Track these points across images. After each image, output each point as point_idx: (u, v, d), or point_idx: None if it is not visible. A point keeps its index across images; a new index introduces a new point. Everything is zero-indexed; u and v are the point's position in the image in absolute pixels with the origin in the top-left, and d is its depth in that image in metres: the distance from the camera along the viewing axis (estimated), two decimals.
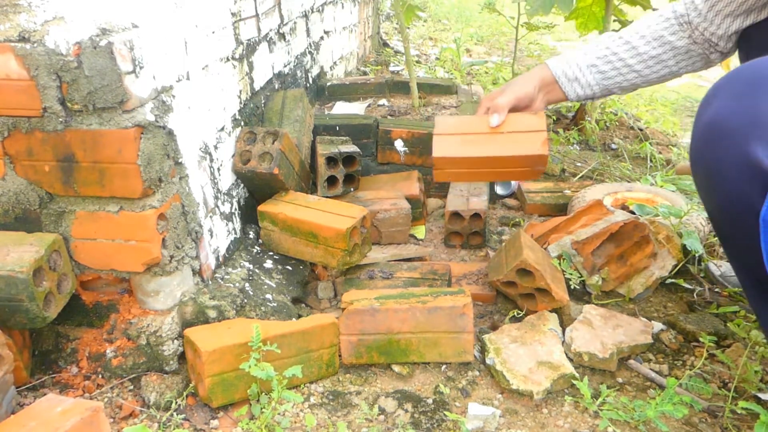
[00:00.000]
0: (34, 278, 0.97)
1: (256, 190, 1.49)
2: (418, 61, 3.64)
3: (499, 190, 1.97)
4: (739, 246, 0.88)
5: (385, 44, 3.95)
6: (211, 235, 1.25)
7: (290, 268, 1.43)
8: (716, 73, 1.67)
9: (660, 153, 2.41)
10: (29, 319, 0.99)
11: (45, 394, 0.99)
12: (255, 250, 1.44)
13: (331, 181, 1.65)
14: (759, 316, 0.92)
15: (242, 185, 1.47)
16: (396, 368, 1.19)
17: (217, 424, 1.06)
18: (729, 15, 1.17)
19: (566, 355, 1.19)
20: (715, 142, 0.84)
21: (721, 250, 1.57)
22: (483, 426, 1.04)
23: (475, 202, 1.68)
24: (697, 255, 1.45)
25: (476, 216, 1.64)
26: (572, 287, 1.36)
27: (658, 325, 1.30)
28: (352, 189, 1.70)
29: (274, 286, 1.35)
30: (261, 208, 1.43)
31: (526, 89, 1.26)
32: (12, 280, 0.95)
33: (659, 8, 1.29)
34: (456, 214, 1.65)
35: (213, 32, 1.28)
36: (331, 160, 1.63)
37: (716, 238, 1.56)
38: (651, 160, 2.30)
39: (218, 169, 1.31)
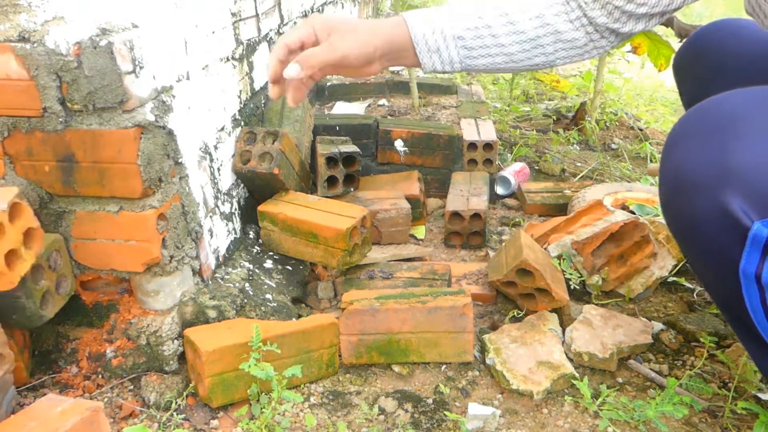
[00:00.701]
0: (33, 276, 0.97)
1: (256, 190, 1.49)
2: None
3: (499, 190, 1.97)
4: (721, 294, 0.85)
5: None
6: (211, 235, 1.25)
7: (290, 268, 1.44)
8: None
9: (660, 153, 2.40)
10: (26, 317, 0.98)
11: (45, 394, 0.99)
12: (255, 250, 1.44)
13: (332, 181, 1.65)
14: (753, 358, 0.89)
15: (242, 185, 1.47)
16: (396, 368, 1.19)
17: (217, 424, 1.06)
18: (612, 10, 0.96)
19: (566, 355, 1.19)
20: (685, 193, 0.79)
21: None
22: (483, 426, 1.04)
23: (475, 202, 1.68)
24: None
25: (476, 216, 1.64)
26: (572, 287, 1.36)
27: (658, 325, 1.30)
28: (352, 189, 1.70)
29: (274, 286, 1.35)
30: (261, 208, 1.43)
31: (365, 50, 0.93)
32: None
33: None
34: (456, 214, 1.65)
35: (213, 32, 1.28)
36: (331, 160, 1.63)
37: None
38: (651, 160, 2.30)
39: (218, 169, 1.31)
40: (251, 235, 1.47)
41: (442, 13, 0.99)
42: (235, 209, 1.41)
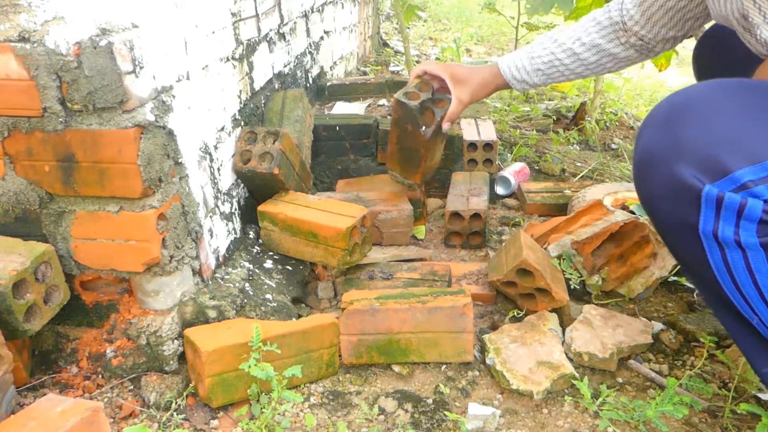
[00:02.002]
0: (16, 291, 0.95)
1: (256, 190, 1.49)
2: (418, 61, 3.64)
3: (499, 190, 1.97)
4: (691, 262, 0.91)
5: (385, 44, 3.95)
6: (211, 235, 1.25)
7: (290, 268, 1.43)
8: None
9: None
10: (9, 331, 0.96)
11: (45, 394, 0.99)
12: (255, 250, 1.44)
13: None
14: (732, 335, 0.94)
15: (242, 185, 1.47)
16: (396, 368, 1.19)
17: (217, 424, 1.06)
18: (663, 25, 1.29)
19: (566, 355, 1.19)
20: (647, 170, 0.89)
21: None
22: (483, 426, 1.04)
23: (475, 202, 1.68)
24: None
25: (476, 216, 1.64)
26: (572, 287, 1.36)
27: (658, 325, 1.30)
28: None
29: (274, 286, 1.35)
30: (261, 208, 1.43)
31: (484, 93, 1.50)
32: None
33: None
34: (456, 214, 1.64)
35: (213, 32, 1.28)
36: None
37: None
38: None
39: (218, 169, 1.31)
40: (251, 235, 1.47)
41: (523, 55, 1.44)
42: (235, 209, 1.41)
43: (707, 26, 1.40)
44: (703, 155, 0.80)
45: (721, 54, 1.33)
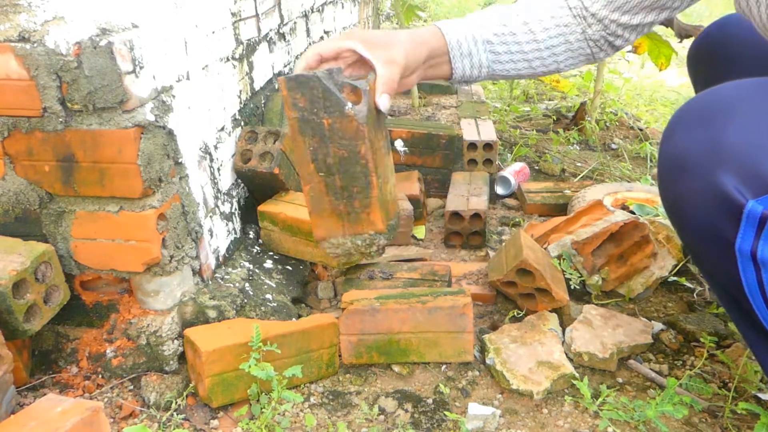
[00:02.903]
0: (16, 291, 0.95)
1: (256, 190, 1.49)
2: None
3: (499, 190, 1.97)
4: (718, 277, 0.86)
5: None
6: (211, 235, 1.25)
7: (290, 268, 1.43)
8: None
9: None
10: (9, 331, 0.96)
11: (45, 394, 0.99)
12: (255, 250, 1.44)
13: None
14: (749, 345, 0.90)
15: (242, 185, 1.47)
16: (396, 368, 1.19)
17: (217, 424, 1.06)
18: (634, 5, 1.04)
19: (566, 355, 1.19)
20: (679, 175, 0.82)
21: None
22: (483, 426, 1.04)
23: (475, 202, 1.68)
24: None
25: (476, 216, 1.64)
26: (572, 287, 1.36)
27: (658, 325, 1.30)
28: None
29: (274, 286, 1.35)
30: (261, 208, 1.43)
31: (415, 59, 1.00)
32: None
33: None
34: (456, 214, 1.64)
35: (213, 32, 1.28)
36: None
37: None
38: (651, 160, 2.30)
39: (218, 169, 1.31)
40: (251, 235, 1.47)
41: (472, 21, 1.06)
42: (235, 209, 1.41)
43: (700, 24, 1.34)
44: (748, 165, 0.73)
45: (718, 55, 1.31)
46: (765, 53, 1.17)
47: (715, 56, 1.31)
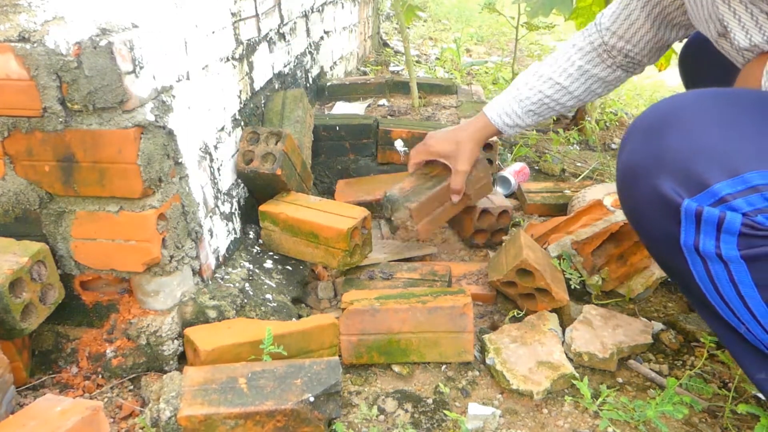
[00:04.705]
0: (12, 289, 0.95)
1: (257, 190, 1.49)
2: (418, 61, 3.64)
3: (499, 190, 1.97)
4: (679, 277, 0.91)
5: (385, 44, 3.95)
6: (211, 235, 1.25)
7: (290, 268, 1.44)
8: None
9: None
10: (6, 330, 0.96)
11: (45, 394, 0.99)
12: (255, 250, 1.44)
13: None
14: (724, 343, 0.94)
15: (242, 185, 1.47)
16: (396, 368, 1.19)
17: None
18: (646, 33, 1.27)
19: (566, 355, 1.19)
20: (630, 183, 0.89)
21: None
22: (483, 426, 1.04)
23: (499, 199, 1.67)
24: None
25: (504, 213, 1.63)
26: (572, 287, 1.36)
27: (658, 325, 1.30)
28: None
29: (274, 286, 1.35)
30: (262, 208, 1.43)
31: (478, 150, 1.46)
32: None
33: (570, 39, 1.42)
34: (485, 211, 1.62)
35: (213, 32, 1.28)
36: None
37: None
38: None
39: (218, 169, 1.31)
40: (251, 235, 1.47)
41: (510, 99, 1.40)
42: (235, 209, 1.41)
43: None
44: (683, 168, 0.81)
45: (706, 58, 1.32)
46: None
47: (703, 59, 1.34)
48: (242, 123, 1.47)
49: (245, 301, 1.23)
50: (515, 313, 1.32)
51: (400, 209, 1.42)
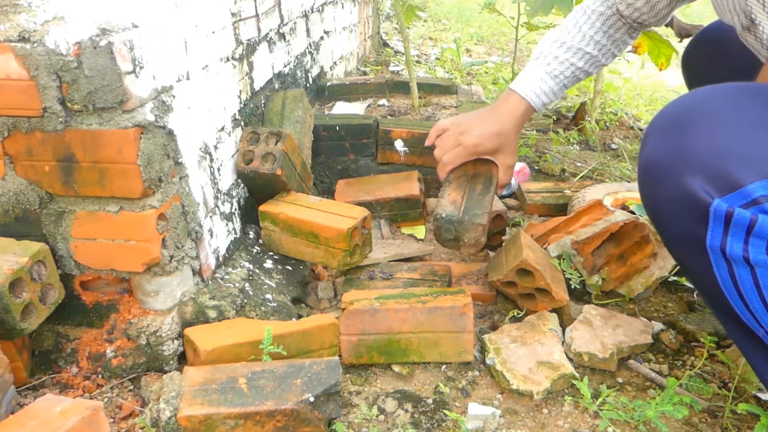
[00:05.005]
0: (12, 289, 0.95)
1: (257, 190, 1.49)
2: (418, 61, 3.64)
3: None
4: (699, 279, 0.89)
5: (385, 44, 3.95)
6: (211, 235, 1.25)
7: (290, 268, 1.44)
8: None
9: None
10: (6, 330, 0.96)
11: (45, 394, 0.99)
12: (255, 250, 1.44)
13: None
14: (740, 348, 0.92)
15: (242, 185, 1.47)
16: (396, 368, 1.19)
17: None
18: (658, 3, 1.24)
19: (566, 355, 1.19)
20: (653, 182, 0.87)
21: None
22: (483, 426, 1.04)
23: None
24: None
25: (498, 217, 1.62)
26: (572, 287, 1.36)
27: (658, 325, 1.30)
28: None
29: (274, 286, 1.35)
30: (262, 208, 1.43)
31: (517, 136, 1.36)
32: None
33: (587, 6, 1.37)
34: None
35: (213, 32, 1.28)
36: None
37: None
38: None
39: (218, 169, 1.31)
40: (251, 235, 1.47)
41: (543, 74, 1.33)
42: (235, 209, 1.41)
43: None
44: (713, 167, 0.78)
45: (713, 57, 1.32)
46: (752, 59, 1.18)
47: (707, 60, 1.34)
48: (242, 123, 1.47)
49: (245, 301, 1.23)
50: (515, 313, 1.32)
51: (471, 228, 1.27)
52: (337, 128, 1.89)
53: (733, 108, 0.82)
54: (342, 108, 2.30)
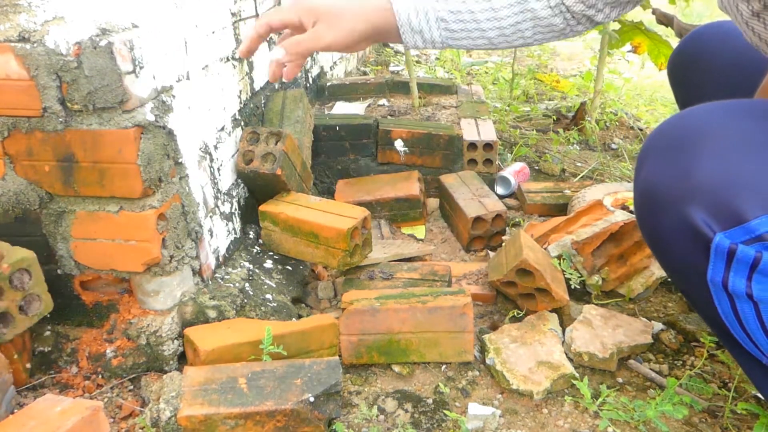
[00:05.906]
0: None
1: (257, 190, 1.49)
2: (418, 61, 3.64)
3: (499, 190, 1.97)
4: (698, 303, 0.87)
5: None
6: (211, 235, 1.25)
7: (290, 268, 1.44)
8: None
9: None
10: None
11: (45, 394, 0.99)
12: (255, 250, 1.44)
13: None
14: (745, 370, 0.90)
15: (242, 185, 1.47)
16: (396, 368, 1.19)
17: None
18: None
19: (566, 355, 1.19)
20: (652, 208, 0.82)
21: None
22: (483, 426, 1.04)
23: (492, 203, 1.66)
24: None
25: (498, 217, 1.62)
26: (572, 287, 1.36)
27: (658, 325, 1.30)
28: None
29: (274, 286, 1.35)
30: (262, 208, 1.43)
31: (350, 39, 0.97)
32: None
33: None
34: (479, 219, 1.62)
35: (213, 32, 1.28)
36: None
37: None
38: None
39: (218, 169, 1.31)
40: (251, 235, 1.47)
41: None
42: (235, 209, 1.41)
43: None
44: (717, 198, 0.73)
45: (695, 67, 1.28)
46: (737, 65, 1.16)
47: (691, 69, 1.29)
48: (242, 123, 1.47)
49: (245, 301, 1.23)
50: (515, 313, 1.32)
51: None
52: (337, 128, 1.89)
53: (737, 131, 0.77)
54: (342, 108, 2.30)
